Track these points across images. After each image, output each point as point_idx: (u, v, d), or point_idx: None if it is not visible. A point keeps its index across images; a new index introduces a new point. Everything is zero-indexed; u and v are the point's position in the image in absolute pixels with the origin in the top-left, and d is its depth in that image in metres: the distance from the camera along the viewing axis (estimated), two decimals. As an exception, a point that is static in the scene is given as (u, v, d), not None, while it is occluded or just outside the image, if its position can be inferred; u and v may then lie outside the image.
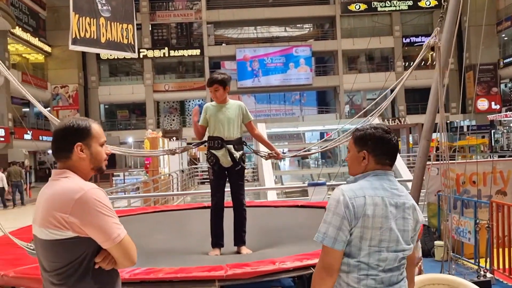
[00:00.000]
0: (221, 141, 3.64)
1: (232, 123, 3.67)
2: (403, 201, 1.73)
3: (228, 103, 3.73)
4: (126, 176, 15.92)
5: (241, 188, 3.77)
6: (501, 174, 5.78)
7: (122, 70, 34.76)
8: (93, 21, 5.97)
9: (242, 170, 3.77)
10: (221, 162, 3.66)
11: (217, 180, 3.73)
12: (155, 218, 5.10)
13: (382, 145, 1.78)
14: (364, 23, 33.26)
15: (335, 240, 1.64)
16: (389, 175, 1.78)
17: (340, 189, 1.70)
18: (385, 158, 1.78)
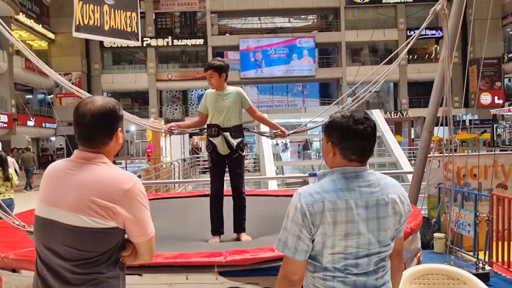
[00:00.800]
0: (217, 128, 3.63)
1: (230, 110, 3.65)
2: (376, 199, 1.55)
3: (226, 90, 3.71)
4: (128, 164, 15.96)
5: (239, 176, 3.75)
6: (502, 168, 5.77)
7: (125, 58, 34.69)
8: (97, 8, 5.95)
9: (240, 158, 3.74)
10: (219, 149, 3.66)
11: (215, 168, 3.74)
12: (156, 205, 5.12)
13: (348, 137, 1.56)
14: (369, 15, 33.04)
15: (296, 250, 1.52)
16: (359, 171, 1.57)
17: (298, 194, 1.54)
18: (351, 153, 1.57)
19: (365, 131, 1.55)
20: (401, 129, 24.63)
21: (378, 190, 1.57)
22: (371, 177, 1.59)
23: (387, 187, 1.60)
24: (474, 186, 5.68)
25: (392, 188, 1.61)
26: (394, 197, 1.59)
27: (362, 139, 1.56)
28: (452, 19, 4.14)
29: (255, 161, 20.90)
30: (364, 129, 1.55)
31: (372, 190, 1.56)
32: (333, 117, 1.61)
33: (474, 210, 4.86)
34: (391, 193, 1.59)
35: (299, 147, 33.18)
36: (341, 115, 1.58)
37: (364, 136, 1.56)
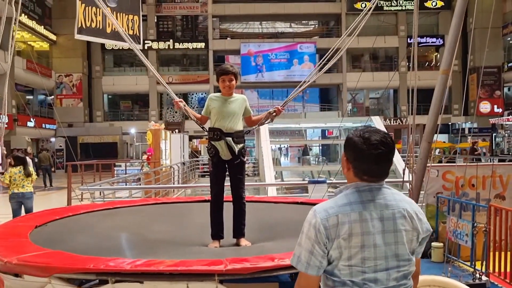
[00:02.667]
0: (220, 132, 3.62)
1: (235, 116, 3.67)
2: (391, 212, 1.55)
3: (233, 96, 3.75)
4: (127, 166, 15.98)
5: (240, 182, 3.75)
6: (500, 179, 5.82)
7: (126, 60, 34.76)
8: (99, 11, 6.00)
9: (242, 164, 3.75)
10: (221, 154, 3.66)
11: (216, 172, 3.73)
12: (157, 209, 5.16)
13: (360, 159, 1.57)
14: (370, 22, 32.77)
15: (308, 265, 1.53)
16: (373, 186, 1.59)
17: (313, 210, 1.57)
18: (362, 173, 1.58)
19: (378, 157, 1.55)
20: (401, 136, 24.68)
21: (394, 203, 1.57)
22: (386, 191, 1.60)
23: (403, 201, 1.61)
24: (472, 196, 5.72)
25: (409, 204, 1.62)
26: (411, 212, 1.58)
27: (374, 163, 1.56)
28: (453, 28, 4.18)
29: (255, 165, 20.91)
30: (377, 154, 1.55)
31: (387, 203, 1.57)
32: (352, 135, 1.61)
33: (472, 220, 4.90)
34: (407, 208, 1.59)
35: (298, 152, 33.22)
36: (359, 135, 1.59)
37: (377, 162, 1.56)
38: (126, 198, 8.88)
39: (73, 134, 28.31)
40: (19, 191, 7.40)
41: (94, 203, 5.84)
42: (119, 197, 9.73)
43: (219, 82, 3.75)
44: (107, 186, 8.51)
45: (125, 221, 4.57)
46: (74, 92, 30.68)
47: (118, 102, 35.37)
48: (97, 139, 29.07)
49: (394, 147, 1.60)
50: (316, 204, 1.67)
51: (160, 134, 13.94)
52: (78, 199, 10.07)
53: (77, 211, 4.66)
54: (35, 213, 4.15)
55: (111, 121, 32.64)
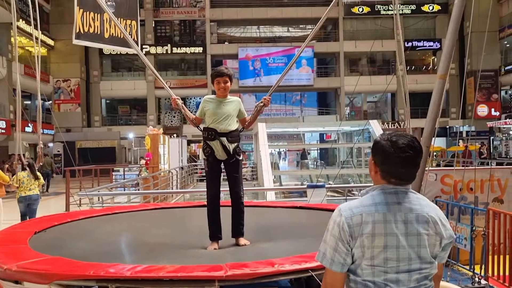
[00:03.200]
0: (214, 133, 3.68)
1: (229, 117, 3.74)
2: (415, 215, 1.58)
3: (228, 98, 3.83)
4: (126, 171, 15.96)
5: (237, 181, 3.79)
6: (498, 182, 5.84)
7: (124, 65, 34.78)
8: (97, 16, 6.02)
9: (237, 163, 3.79)
10: (216, 154, 3.72)
11: (211, 172, 3.79)
12: (156, 214, 5.17)
13: (388, 161, 1.61)
14: (367, 26, 33.30)
15: (332, 261, 1.58)
16: (399, 189, 1.62)
17: (338, 209, 1.63)
18: (390, 176, 1.62)
19: (406, 160, 1.59)
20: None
21: (418, 207, 1.60)
22: (411, 195, 1.63)
23: (428, 206, 1.63)
24: (471, 200, 5.75)
25: (433, 209, 1.65)
26: (435, 217, 1.61)
27: (402, 166, 1.60)
28: (450, 33, 4.21)
29: (253, 169, 20.92)
30: (405, 157, 1.59)
31: (412, 206, 1.60)
32: (380, 139, 1.66)
33: (470, 224, 4.92)
34: (431, 213, 1.62)
35: (297, 156, 33.24)
36: (386, 138, 1.63)
37: (404, 164, 1.60)
38: (124, 203, 8.87)
39: (71, 139, 28.26)
40: (26, 194, 7.82)
41: (92, 208, 5.84)
42: (117, 202, 9.72)
43: (214, 84, 3.81)
44: (106, 191, 8.50)
45: (124, 226, 4.57)
46: (72, 97, 30.66)
47: (116, 107, 35.36)
48: (95, 144, 29.03)
49: (421, 151, 1.64)
50: (316, 208, 1.71)
51: (158, 139, 13.94)
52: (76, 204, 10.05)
53: (76, 217, 4.66)
54: (34, 219, 4.16)
55: (109, 126, 32.63)
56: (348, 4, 33.04)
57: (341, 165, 20.51)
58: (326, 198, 6.04)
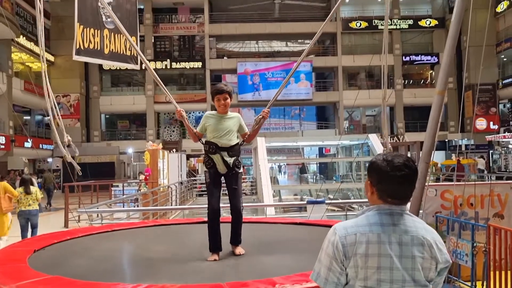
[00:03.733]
0: (215, 147, 3.81)
1: (230, 132, 3.86)
2: (410, 237, 1.57)
3: (228, 114, 3.95)
4: (125, 187, 15.91)
5: (236, 193, 3.92)
6: (498, 197, 5.82)
7: (124, 80, 34.95)
8: (97, 32, 6.07)
9: (237, 175, 3.92)
10: (217, 167, 3.85)
11: (212, 184, 3.90)
12: (155, 231, 5.14)
13: (384, 180, 1.61)
14: (365, 41, 33.59)
15: (326, 280, 1.58)
16: (394, 210, 1.62)
17: (333, 228, 1.63)
18: (386, 195, 1.62)
19: (402, 178, 1.59)
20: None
21: (413, 230, 1.59)
22: (407, 217, 1.63)
23: (423, 229, 1.62)
24: (471, 215, 5.73)
25: (429, 233, 1.63)
26: (430, 241, 1.59)
27: (398, 185, 1.60)
28: (447, 49, 4.25)
29: (252, 184, 20.87)
30: (401, 176, 1.59)
31: (407, 228, 1.59)
32: (375, 159, 1.67)
33: (471, 240, 4.90)
34: (427, 236, 1.60)
35: (296, 170, 33.20)
36: (382, 158, 1.64)
37: (400, 183, 1.60)
38: (124, 219, 8.83)
39: (70, 154, 28.22)
40: (26, 209, 8.37)
41: (92, 225, 5.81)
42: (117, 218, 9.67)
43: (215, 101, 3.93)
44: (105, 207, 8.46)
45: (124, 243, 4.55)
46: (71, 112, 30.73)
47: (116, 121, 35.42)
48: (95, 159, 28.98)
49: (416, 170, 1.65)
50: (316, 224, 1.72)
51: (157, 154, 13.94)
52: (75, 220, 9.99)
53: (75, 235, 4.64)
54: (33, 238, 4.14)
55: (109, 140, 32.63)
56: (346, 19, 33.41)
57: (340, 179, 20.51)
58: (326, 214, 6.03)
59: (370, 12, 34.03)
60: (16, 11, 25.52)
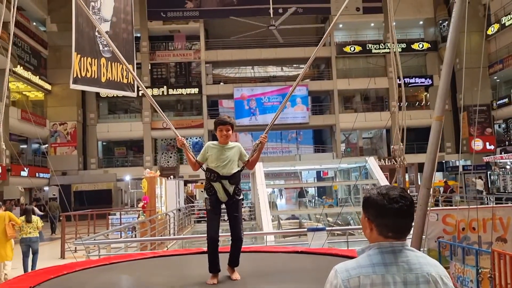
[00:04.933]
0: (217, 175, 3.92)
1: (231, 162, 3.97)
2: (415, 275, 1.52)
3: (229, 144, 4.09)
4: (122, 215, 15.74)
5: (237, 221, 4.00)
6: (500, 221, 5.78)
7: (121, 107, 35.08)
8: (94, 61, 6.11)
9: (237, 202, 4.02)
10: (219, 195, 3.94)
11: (212, 211, 3.98)
12: (154, 263, 5.04)
13: (383, 215, 1.57)
14: (359, 64, 34.01)
15: None
16: (396, 247, 1.57)
17: (334, 270, 1.57)
18: (387, 230, 1.57)
19: (400, 210, 1.56)
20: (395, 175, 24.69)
21: (418, 267, 1.54)
22: (410, 254, 1.57)
23: (428, 265, 1.57)
24: (474, 239, 5.66)
25: (433, 267, 1.58)
26: (435, 276, 1.54)
27: (397, 217, 1.57)
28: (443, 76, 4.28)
29: (251, 209, 20.70)
30: (399, 208, 1.56)
31: (411, 266, 1.54)
32: (369, 194, 1.63)
33: (475, 266, 4.83)
34: (432, 272, 1.55)
35: (295, 194, 33.02)
36: (377, 192, 1.61)
37: (399, 215, 1.57)
38: (122, 249, 8.69)
39: (67, 182, 28.08)
40: (27, 236, 9.19)
41: (89, 259, 5.70)
42: (115, 247, 9.52)
43: (217, 131, 4.06)
44: (102, 238, 8.34)
45: (122, 276, 4.45)
46: (68, 140, 30.68)
47: (113, 148, 35.36)
48: (92, 186, 28.83)
49: (413, 201, 1.61)
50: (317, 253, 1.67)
51: (155, 181, 13.85)
52: (71, 251, 9.84)
53: (72, 269, 4.54)
54: (29, 273, 4.05)
55: (106, 168, 32.51)
56: (340, 43, 33.89)
57: (339, 202, 20.40)
58: (327, 241, 5.95)
59: (363, 37, 34.57)
60: (14, 41, 25.77)
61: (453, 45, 4.15)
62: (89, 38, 6.11)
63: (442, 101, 4.28)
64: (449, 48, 4.11)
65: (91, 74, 6.16)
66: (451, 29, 4.14)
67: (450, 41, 4.06)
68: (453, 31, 4.19)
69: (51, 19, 30.45)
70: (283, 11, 27.99)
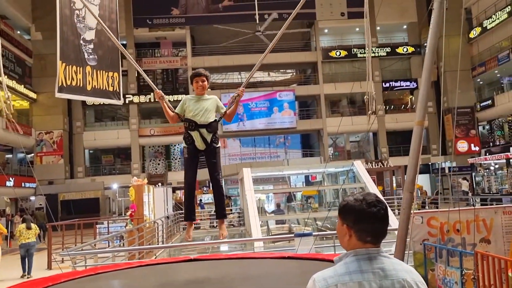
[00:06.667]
0: (194, 124, 4.13)
1: (208, 111, 4.19)
2: (391, 281, 1.55)
3: (206, 96, 4.32)
4: (110, 223, 15.61)
5: (215, 166, 4.22)
6: (484, 222, 5.86)
7: (107, 115, 34.84)
8: (80, 69, 6.09)
9: (214, 150, 4.22)
10: (196, 144, 4.15)
11: (190, 160, 4.21)
12: (141, 272, 5.02)
13: (362, 220, 1.61)
14: (345, 69, 34.31)
15: None
16: (372, 253, 1.60)
17: (312, 279, 1.59)
18: (366, 235, 1.61)
19: (379, 214, 1.61)
20: (383, 178, 24.96)
21: (393, 273, 1.58)
22: (385, 260, 1.61)
23: (403, 271, 1.60)
24: (458, 241, 5.74)
25: (409, 273, 1.61)
26: (411, 282, 1.57)
27: (376, 221, 1.61)
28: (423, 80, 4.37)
29: (240, 215, 20.69)
30: (377, 211, 1.61)
31: (387, 273, 1.57)
32: (346, 201, 1.67)
33: (460, 267, 4.90)
34: (407, 278, 1.58)
35: (283, 199, 33.04)
36: (354, 199, 1.65)
37: (378, 219, 1.61)
38: (109, 259, 8.62)
39: (53, 191, 27.75)
40: (26, 242, 10.62)
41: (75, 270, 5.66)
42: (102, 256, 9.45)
43: (193, 83, 4.33)
44: (89, 247, 8.27)
45: (109, 287, 4.43)
46: (54, 149, 30.34)
47: (100, 156, 35.06)
48: (79, 195, 28.53)
49: (387, 206, 1.67)
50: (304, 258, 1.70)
51: (143, 189, 13.78)
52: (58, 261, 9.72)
53: (57, 280, 4.50)
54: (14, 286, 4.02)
55: (93, 176, 32.22)
56: (326, 48, 34.17)
57: (327, 206, 20.48)
58: (315, 246, 5.99)
59: (349, 41, 34.91)
60: (-2, 50, 25.49)
61: (432, 53, 4.23)
62: (74, 46, 6.09)
63: (422, 106, 4.36)
64: (428, 55, 4.20)
65: (77, 83, 6.14)
66: (430, 37, 4.23)
67: (429, 49, 4.14)
68: (432, 38, 4.28)
69: (36, 27, 30.19)
70: (269, 17, 28.20)
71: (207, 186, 31.48)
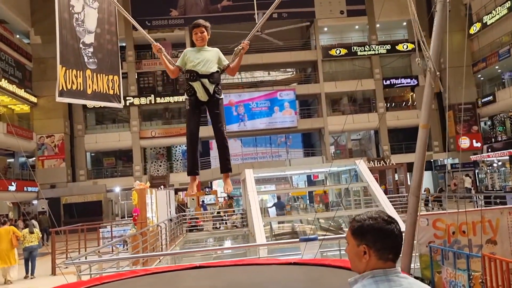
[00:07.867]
0: (196, 74, 3.94)
1: (209, 62, 4.01)
2: None
3: (206, 47, 4.13)
4: (113, 227, 15.60)
5: (219, 118, 4.06)
6: (489, 223, 5.83)
7: (108, 117, 34.82)
8: (80, 73, 6.06)
9: (217, 101, 4.05)
10: (198, 95, 3.98)
11: (192, 111, 4.05)
12: (147, 280, 4.99)
13: (383, 238, 1.58)
14: (345, 67, 34.23)
15: None
16: (390, 274, 1.57)
17: None
18: (388, 253, 1.58)
19: (396, 230, 1.60)
20: (385, 176, 24.91)
21: None
22: (403, 281, 1.56)
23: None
24: (464, 243, 5.71)
25: None
26: None
27: (396, 237, 1.60)
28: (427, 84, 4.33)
29: (243, 216, 20.66)
30: (395, 227, 1.60)
31: None
32: (360, 221, 1.62)
33: (467, 270, 4.87)
34: None
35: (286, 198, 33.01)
36: (368, 217, 1.62)
37: (396, 234, 1.60)
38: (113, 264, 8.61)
39: (56, 195, 27.75)
40: (29, 245, 11.38)
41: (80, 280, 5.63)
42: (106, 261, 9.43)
43: (193, 35, 4.13)
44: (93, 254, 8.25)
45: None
46: (56, 153, 30.34)
47: (101, 159, 35.05)
48: (81, 198, 28.52)
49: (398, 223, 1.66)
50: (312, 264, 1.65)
51: (145, 193, 13.76)
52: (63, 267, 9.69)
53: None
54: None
55: (95, 179, 32.21)
56: (326, 47, 34.10)
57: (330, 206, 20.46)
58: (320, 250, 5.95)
59: (348, 39, 34.84)
60: (-2, 55, 25.51)
61: (436, 54, 4.20)
62: (73, 50, 6.06)
63: (426, 109, 4.33)
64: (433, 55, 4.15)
65: (77, 87, 6.11)
66: (433, 38, 4.19)
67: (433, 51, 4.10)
68: (435, 39, 4.24)
69: (35, 31, 30.16)
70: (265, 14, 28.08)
71: (209, 187, 31.47)
